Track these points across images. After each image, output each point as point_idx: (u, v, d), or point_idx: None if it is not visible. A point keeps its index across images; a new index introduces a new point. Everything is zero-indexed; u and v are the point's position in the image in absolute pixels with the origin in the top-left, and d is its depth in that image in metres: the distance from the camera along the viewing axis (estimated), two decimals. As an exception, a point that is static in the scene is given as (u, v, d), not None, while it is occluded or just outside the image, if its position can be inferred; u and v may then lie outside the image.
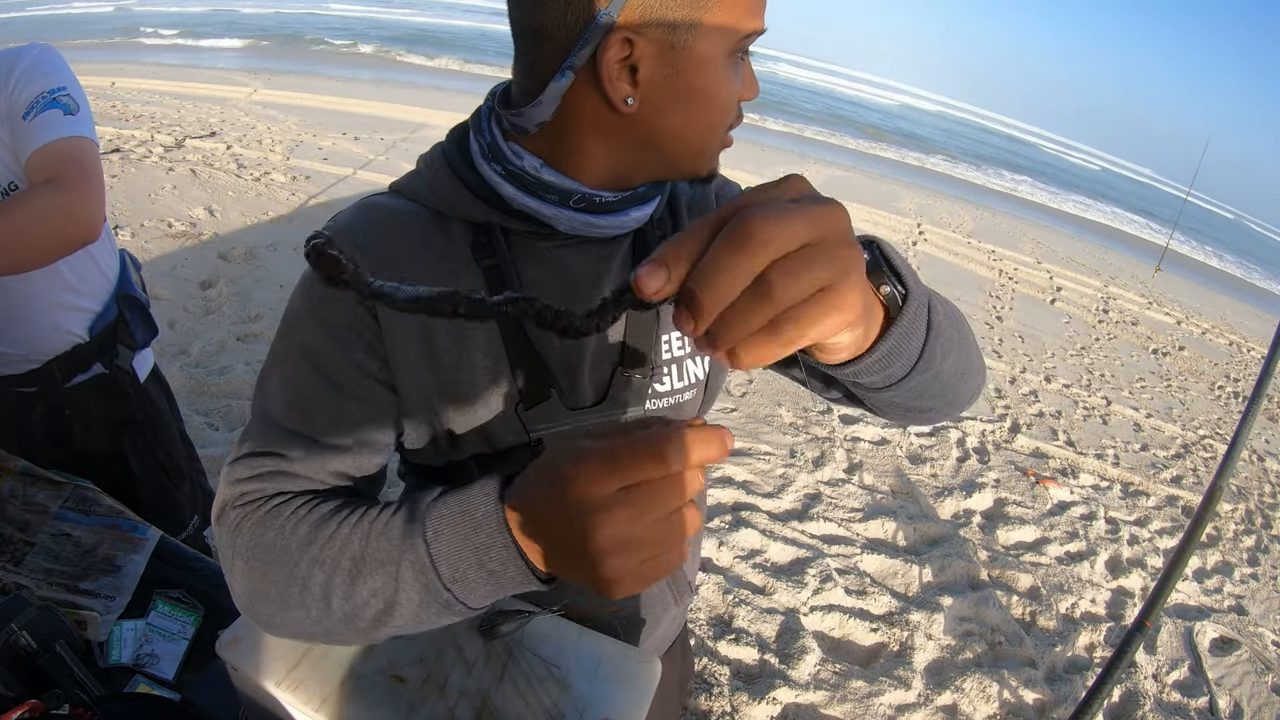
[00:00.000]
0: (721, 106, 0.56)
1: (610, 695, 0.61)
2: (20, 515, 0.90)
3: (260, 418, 0.59)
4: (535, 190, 0.57)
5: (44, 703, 0.61)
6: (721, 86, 0.55)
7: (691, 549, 0.80)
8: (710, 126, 0.57)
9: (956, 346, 0.52)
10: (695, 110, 0.55)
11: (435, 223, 0.60)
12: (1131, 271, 9.89)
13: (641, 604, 0.77)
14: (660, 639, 0.83)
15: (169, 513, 1.35)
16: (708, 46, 0.52)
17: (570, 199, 0.57)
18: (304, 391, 0.59)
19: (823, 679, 2.07)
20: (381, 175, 6.06)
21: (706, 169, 0.60)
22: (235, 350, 3.16)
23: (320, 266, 0.34)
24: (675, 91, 0.53)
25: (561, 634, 0.66)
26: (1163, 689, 2.41)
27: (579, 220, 0.58)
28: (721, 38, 0.52)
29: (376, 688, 0.59)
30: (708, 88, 0.54)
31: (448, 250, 0.59)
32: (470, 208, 0.59)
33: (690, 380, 0.67)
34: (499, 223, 0.59)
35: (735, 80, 0.56)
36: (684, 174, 0.60)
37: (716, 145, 0.59)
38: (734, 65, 0.56)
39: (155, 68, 9.85)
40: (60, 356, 1.14)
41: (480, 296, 0.34)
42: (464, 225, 0.60)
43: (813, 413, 3.74)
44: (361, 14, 24.02)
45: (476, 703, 0.59)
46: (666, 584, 0.78)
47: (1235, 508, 3.91)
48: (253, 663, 0.59)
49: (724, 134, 0.59)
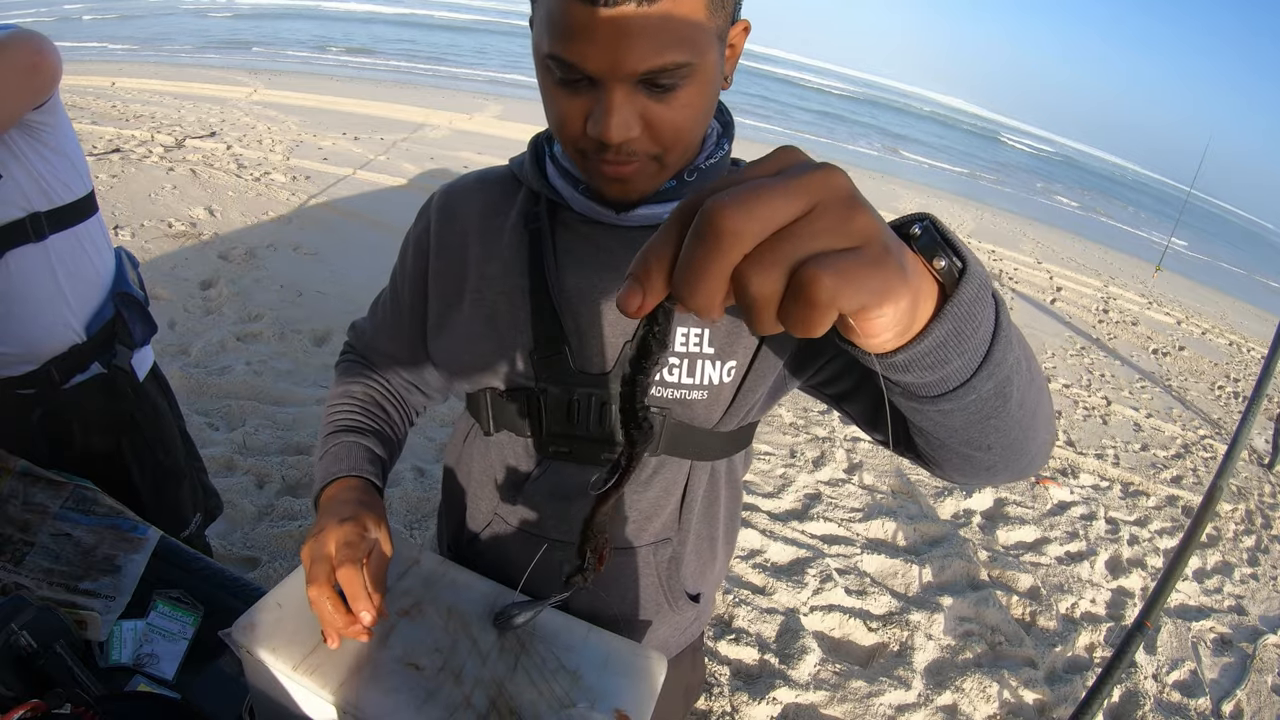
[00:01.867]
0: (552, 116, 0.58)
1: (619, 687, 0.62)
2: (20, 515, 0.90)
3: (371, 305, 0.85)
4: (564, 172, 0.67)
5: (46, 702, 0.61)
6: (546, 97, 0.58)
7: (692, 558, 0.78)
8: (554, 132, 0.60)
9: (1025, 370, 0.43)
10: (545, 109, 0.60)
11: (509, 189, 0.72)
12: (1131, 271, 9.89)
13: (632, 606, 0.77)
14: (661, 643, 0.82)
15: (170, 512, 1.35)
16: (535, 47, 0.56)
17: (579, 185, 0.66)
18: (384, 296, 0.82)
19: (823, 679, 2.07)
20: (382, 175, 6.06)
21: (599, 190, 0.62)
22: (235, 350, 3.16)
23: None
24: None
25: (571, 630, 0.68)
26: (1163, 689, 2.41)
27: (586, 205, 0.66)
28: (536, 45, 0.56)
29: (393, 674, 0.59)
30: (542, 92, 0.58)
31: (507, 214, 0.71)
32: (534, 179, 0.69)
33: (701, 381, 0.65)
34: (547, 194, 0.68)
35: (566, 99, 0.55)
36: (588, 184, 0.65)
37: (577, 160, 0.60)
38: (556, 81, 0.55)
39: (155, 67, 9.85)
40: (58, 357, 1.14)
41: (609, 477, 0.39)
42: (528, 194, 0.71)
43: (813, 413, 3.74)
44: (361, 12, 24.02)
45: (491, 691, 0.59)
46: (661, 588, 0.77)
47: (1235, 508, 3.91)
48: (267, 648, 0.59)
49: (574, 151, 0.59)
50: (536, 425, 0.69)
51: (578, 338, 0.66)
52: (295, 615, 0.62)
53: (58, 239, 1.10)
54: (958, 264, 0.36)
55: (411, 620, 0.64)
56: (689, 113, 0.56)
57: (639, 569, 0.75)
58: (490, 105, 10.47)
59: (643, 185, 0.60)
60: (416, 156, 6.76)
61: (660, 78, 0.52)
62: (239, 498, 2.26)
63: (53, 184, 1.07)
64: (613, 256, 0.66)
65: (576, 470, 0.71)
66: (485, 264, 0.69)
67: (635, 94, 0.53)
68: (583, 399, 0.66)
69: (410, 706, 0.57)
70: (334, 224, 4.89)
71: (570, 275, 0.66)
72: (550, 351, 0.66)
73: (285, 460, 2.48)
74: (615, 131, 0.53)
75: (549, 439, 0.69)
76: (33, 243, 1.07)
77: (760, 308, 0.26)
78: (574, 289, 0.66)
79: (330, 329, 3.48)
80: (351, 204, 5.31)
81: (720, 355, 0.65)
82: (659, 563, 0.75)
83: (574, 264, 0.66)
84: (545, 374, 0.67)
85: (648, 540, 0.74)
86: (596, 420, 0.67)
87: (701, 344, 0.65)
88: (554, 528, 0.72)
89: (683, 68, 0.52)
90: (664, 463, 0.70)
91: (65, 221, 1.11)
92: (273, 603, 0.63)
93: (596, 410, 0.67)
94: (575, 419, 0.67)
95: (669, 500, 0.72)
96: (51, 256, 1.10)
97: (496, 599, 0.69)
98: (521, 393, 0.68)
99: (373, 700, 0.57)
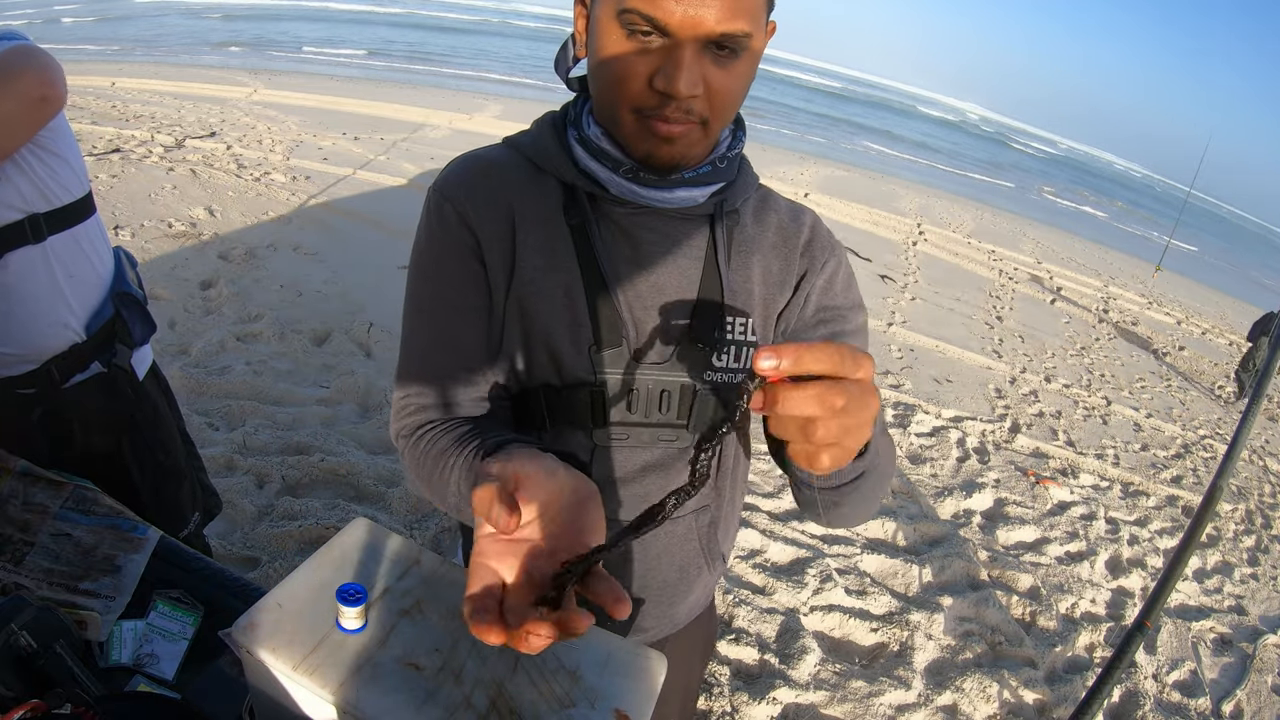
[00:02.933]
0: (613, 73, 0.59)
1: (620, 688, 0.63)
2: (20, 515, 0.90)
3: (404, 360, 0.72)
4: (597, 156, 0.66)
5: (46, 702, 0.61)
6: (610, 52, 0.58)
7: (725, 521, 0.82)
8: (608, 93, 0.61)
9: (887, 450, 0.64)
10: (598, 75, 0.61)
11: (531, 174, 0.70)
12: (1131, 271, 9.89)
13: (677, 571, 0.79)
14: (694, 604, 0.86)
15: (169, 511, 1.35)
16: (600, 10, 0.58)
17: (620, 168, 0.65)
18: (428, 340, 0.71)
19: (823, 679, 2.07)
20: (382, 175, 6.06)
21: (636, 150, 0.63)
22: (235, 350, 3.16)
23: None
24: (592, 52, 0.61)
25: None
26: (1163, 689, 2.41)
27: (627, 188, 0.66)
28: (607, 6, 0.57)
29: (393, 674, 0.59)
30: (600, 51, 0.59)
31: (541, 203, 0.68)
32: (562, 166, 0.68)
33: (745, 365, 0.70)
34: (584, 187, 0.67)
35: (635, 55, 0.57)
36: (631, 152, 0.64)
37: (630, 126, 0.61)
38: (625, 36, 0.57)
39: (155, 67, 9.85)
40: (58, 356, 1.14)
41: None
42: (556, 184, 0.69)
43: (813, 413, 3.74)
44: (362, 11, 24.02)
45: (491, 690, 0.59)
46: (701, 551, 0.80)
47: (1235, 508, 3.91)
48: (267, 648, 0.59)
49: (629, 111, 0.60)
50: (598, 416, 0.70)
51: (634, 328, 0.68)
52: (295, 615, 0.62)
53: (57, 240, 1.10)
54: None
55: (411, 620, 0.64)
56: (741, 83, 0.60)
57: (683, 537, 0.78)
58: (490, 105, 10.47)
59: (688, 149, 0.63)
60: (416, 156, 6.77)
61: (727, 41, 0.56)
62: (239, 498, 2.26)
63: (51, 186, 1.08)
64: (655, 243, 0.68)
65: (631, 454, 0.73)
66: (534, 254, 0.67)
67: (703, 55, 0.57)
68: (642, 388, 0.69)
69: (410, 706, 0.57)
70: (334, 224, 4.89)
71: (620, 266, 0.68)
72: (611, 345, 0.67)
73: (285, 460, 2.48)
74: (685, 85, 0.56)
75: (608, 429, 0.71)
76: (32, 244, 1.07)
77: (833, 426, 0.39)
78: (625, 279, 0.68)
79: (330, 329, 3.48)
80: (351, 204, 5.31)
81: (761, 340, 0.71)
82: (700, 528, 0.79)
83: (619, 254, 0.68)
84: (605, 366, 0.68)
85: (691, 509, 0.77)
86: (655, 408, 0.70)
87: (747, 333, 0.70)
88: (608, 510, 0.74)
89: (746, 37, 0.56)
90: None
91: (64, 222, 1.11)
92: (273, 603, 0.63)
93: (656, 398, 0.69)
94: (634, 408, 0.70)
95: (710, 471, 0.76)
96: (51, 257, 1.10)
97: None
98: (582, 387, 0.69)
99: (373, 700, 0.57)
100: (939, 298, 6.26)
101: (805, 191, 8.71)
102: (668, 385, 0.69)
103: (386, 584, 0.67)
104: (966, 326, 5.77)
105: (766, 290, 0.72)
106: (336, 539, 0.71)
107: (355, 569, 0.68)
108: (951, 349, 5.17)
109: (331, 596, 0.61)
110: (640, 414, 0.70)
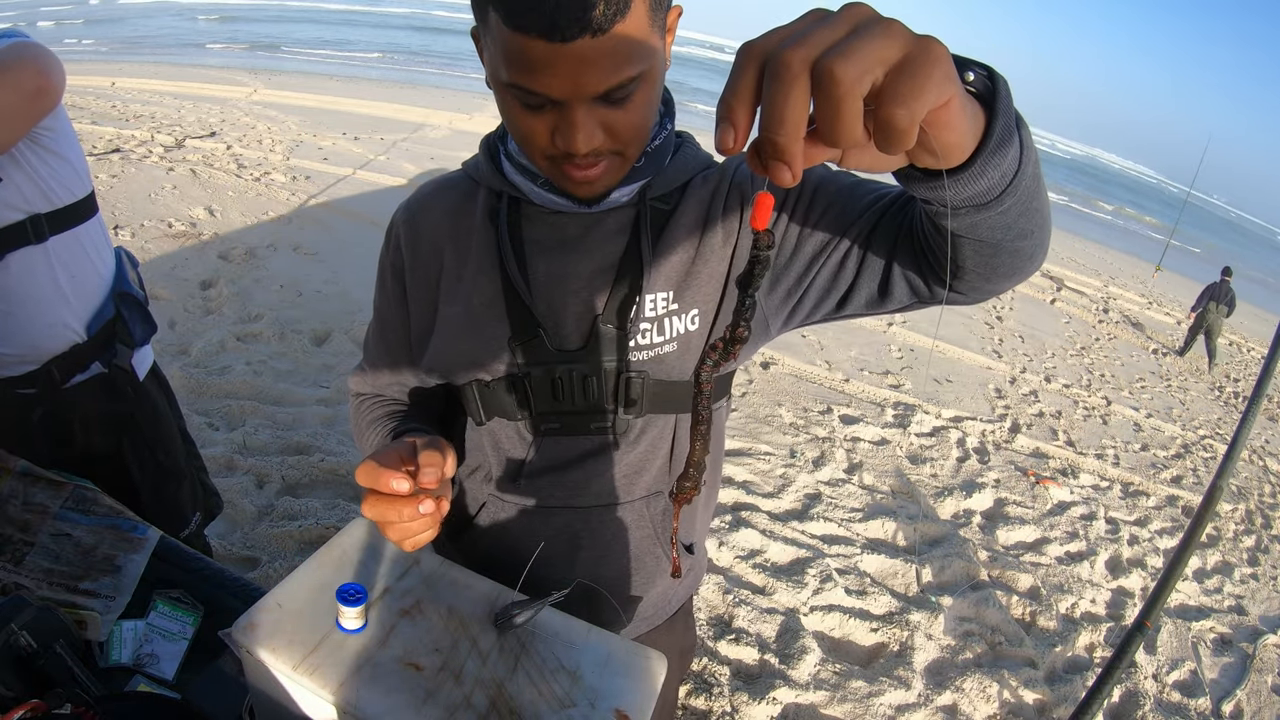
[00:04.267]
0: (519, 134, 0.62)
1: (620, 687, 0.63)
2: (20, 515, 0.90)
3: (365, 341, 0.87)
4: (520, 170, 0.70)
5: (46, 702, 0.61)
6: (510, 116, 0.61)
7: (689, 509, 0.83)
8: (519, 143, 0.63)
9: (1034, 148, 0.47)
10: (505, 122, 0.64)
11: (469, 192, 0.75)
12: (1131, 271, 9.88)
13: (632, 560, 0.80)
14: (659, 602, 0.85)
15: (170, 511, 1.35)
16: (491, 76, 0.60)
17: (538, 179, 0.69)
18: (372, 331, 0.84)
19: (823, 679, 2.07)
20: (382, 175, 6.06)
21: (563, 188, 0.66)
22: (235, 350, 3.16)
23: None
24: (495, 96, 0.62)
25: (571, 630, 0.68)
26: (1163, 689, 2.41)
27: (548, 198, 0.69)
28: (494, 75, 0.59)
29: (393, 674, 0.59)
30: (502, 112, 0.62)
31: (472, 214, 0.74)
32: (492, 178, 0.73)
33: (670, 335, 0.70)
34: (509, 192, 0.71)
35: (531, 117, 0.59)
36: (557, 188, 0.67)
37: (547, 169, 0.64)
38: (520, 104, 0.58)
39: (155, 67, 9.85)
40: (59, 357, 1.14)
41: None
42: (489, 193, 0.74)
43: (813, 413, 3.74)
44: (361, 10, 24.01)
45: (491, 690, 0.60)
46: (655, 538, 0.80)
47: (1235, 508, 3.92)
48: (267, 648, 0.59)
49: (542, 159, 0.62)
50: (526, 407, 0.73)
51: (552, 319, 0.70)
52: (295, 615, 0.62)
53: (58, 240, 1.10)
54: (983, 72, 0.41)
55: (411, 620, 0.64)
56: (645, 111, 0.61)
57: (632, 524, 0.78)
58: (490, 105, 10.47)
59: (609, 180, 0.65)
60: (416, 156, 6.77)
61: (616, 92, 0.57)
62: (239, 498, 2.27)
63: (53, 186, 1.08)
64: (576, 239, 0.71)
65: (569, 441, 0.74)
66: (460, 265, 0.73)
67: (595, 108, 0.58)
68: (564, 375, 0.71)
69: (410, 706, 0.57)
70: (334, 224, 4.89)
71: (539, 261, 0.71)
72: (527, 336, 0.70)
73: (285, 460, 2.48)
74: (582, 144, 0.58)
75: (539, 418, 0.73)
76: (33, 244, 1.07)
77: (848, 107, 0.30)
78: (544, 274, 0.70)
79: (330, 329, 3.48)
80: (351, 204, 5.31)
81: (683, 307, 0.70)
82: (652, 515, 0.79)
83: (540, 251, 0.71)
84: (527, 358, 0.71)
85: (639, 495, 0.77)
86: (581, 393, 0.71)
87: (668, 303, 0.70)
88: (551, 496, 0.77)
89: (636, 79, 0.57)
90: (650, 421, 0.74)
91: (66, 223, 1.11)
92: (273, 603, 0.63)
93: (579, 384, 0.71)
94: (560, 395, 0.72)
95: (657, 455, 0.76)
96: (52, 258, 1.10)
97: (497, 599, 0.69)
98: (508, 379, 0.72)
99: (373, 700, 0.57)
100: (939, 298, 6.25)
101: (805, 191, 8.70)
102: (589, 371, 0.70)
103: (386, 584, 0.67)
104: (966, 326, 5.77)
105: (686, 250, 0.70)
106: (336, 539, 0.71)
107: (355, 569, 0.68)
108: (951, 349, 5.18)
109: (331, 596, 0.61)
110: (569, 402, 0.72)
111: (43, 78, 0.98)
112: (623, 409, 0.71)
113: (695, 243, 0.70)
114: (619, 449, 0.74)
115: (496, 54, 0.56)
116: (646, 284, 0.69)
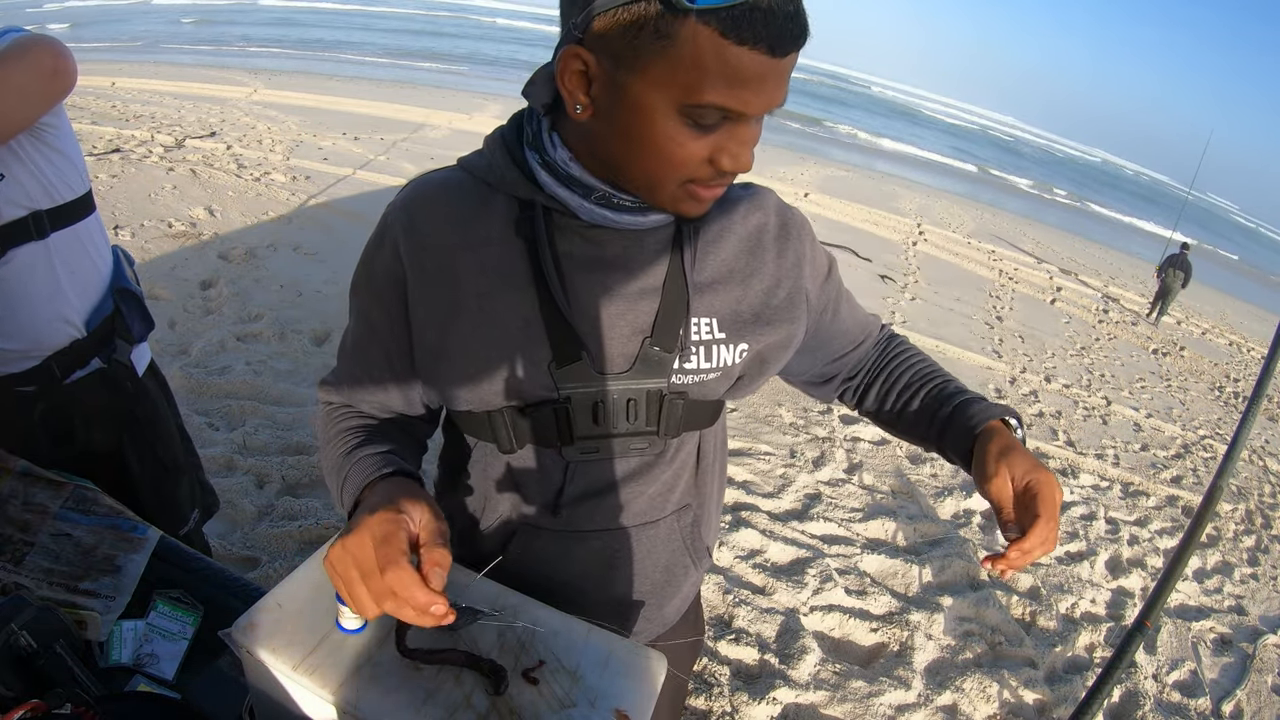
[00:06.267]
0: (666, 159, 0.56)
1: (620, 688, 0.62)
2: (20, 515, 0.90)
3: (340, 344, 0.78)
4: (565, 181, 0.63)
5: (46, 702, 0.61)
6: (663, 140, 0.55)
7: (707, 517, 0.83)
8: (654, 173, 0.58)
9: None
10: (634, 150, 0.57)
11: (481, 196, 0.67)
12: (1131, 271, 9.88)
13: (664, 573, 0.79)
14: (682, 602, 0.86)
15: (169, 508, 1.35)
16: (645, 97, 0.54)
17: (591, 194, 0.63)
18: (352, 338, 0.75)
19: (823, 679, 2.07)
20: (381, 175, 6.06)
21: (672, 209, 0.62)
22: (235, 350, 3.16)
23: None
24: (614, 123, 0.57)
25: (571, 630, 0.68)
26: (1163, 689, 2.41)
27: (599, 214, 0.64)
28: (661, 95, 0.53)
29: (393, 674, 0.59)
30: (645, 135, 0.56)
31: (490, 224, 0.66)
32: (518, 184, 0.65)
33: (717, 364, 0.70)
34: (541, 201, 0.65)
35: (694, 140, 0.55)
36: (656, 205, 0.62)
37: (671, 192, 0.59)
38: (690, 124, 0.55)
39: (155, 67, 9.85)
40: (59, 352, 1.14)
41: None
42: (509, 200, 0.66)
43: (813, 413, 3.74)
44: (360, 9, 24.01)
45: (491, 690, 0.59)
46: (686, 550, 0.80)
47: (1235, 508, 3.92)
48: (267, 648, 0.59)
49: (679, 186, 0.59)
50: (565, 432, 0.69)
51: (596, 341, 0.67)
52: (295, 615, 0.62)
53: (59, 236, 1.10)
54: (1016, 424, 0.77)
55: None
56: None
57: (664, 539, 0.77)
58: (490, 105, 10.48)
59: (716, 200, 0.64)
60: (416, 156, 6.77)
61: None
62: (239, 498, 2.26)
63: (55, 183, 1.08)
64: (616, 257, 0.67)
65: (607, 464, 0.72)
66: (479, 279, 0.66)
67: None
68: (608, 399, 0.67)
69: (410, 706, 0.57)
70: (334, 224, 4.89)
71: (577, 279, 0.66)
72: (570, 360, 0.66)
73: (285, 460, 2.48)
74: (751, 161, 0.57)
75: (578, 443, 0.70)
76: (35, 240, 1.07)
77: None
78: (585, 293, 0.66)
79: (330, 329, 3.48)
80: (351, 204, 5.31)
81: (731, 338, 0.70)
82: (682, 528, 0.79)
83: (577, 268, 0.66)
84: (567, 382, 0.66)
85: (671, 510, 0.77)
86: (623, 417, 0.69)
87: (713, 331, 0.69)
88: (589, 520, 0.74)
89: None
90: (684, 440, 0.74)
91: (66, 219, 1.11)
92: (273, 603, 0.63)
93: (623, 408, 0.68)
94: (601, 419, 0.68)
95: (686, 469, 0.76)
96: (53, 254, 1.10)
97: (497, 599, 0.69)
98: (546, 405, 0.68)
99: (373, 700, 0.57)
100: (939, 298, 6.26)
101: (805, 191, 8.71)
102: (633, 394, 0.68)
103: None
104: (966, 326, 5.77)
105: (734, 284, 0.71)
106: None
107: (355, 569, 0.68)
108: (952, 349, 5.17)
109: (331, 596, 0.61)
110: (608, 426, 0.69)
111: (59, 59, 0.98)
112: (662, 430, 0.70)
113: (744, 273, 0.71)
114: (656, 469, 0.73)
115: (692, 72, 0.52)
116: (693, 307, 0.67)
